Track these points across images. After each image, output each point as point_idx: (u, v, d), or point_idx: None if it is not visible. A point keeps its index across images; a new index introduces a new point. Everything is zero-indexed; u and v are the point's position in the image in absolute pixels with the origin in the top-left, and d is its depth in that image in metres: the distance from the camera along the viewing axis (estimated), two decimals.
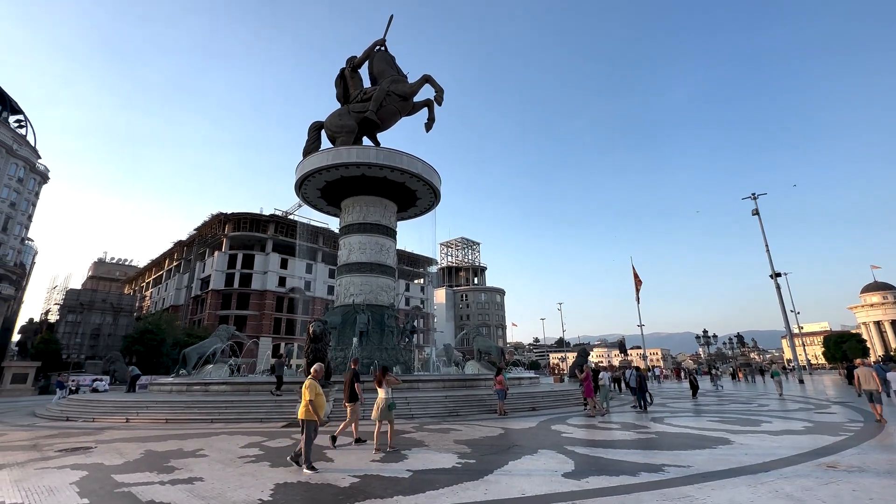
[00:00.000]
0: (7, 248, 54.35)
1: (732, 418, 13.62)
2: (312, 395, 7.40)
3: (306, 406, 7.35)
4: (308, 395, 7.41)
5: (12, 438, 11.24)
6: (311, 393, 7.43)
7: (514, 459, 7.85)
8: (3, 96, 56.99)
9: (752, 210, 44.42)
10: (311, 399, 7.36)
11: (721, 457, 7.83)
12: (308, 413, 7.32)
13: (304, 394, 7.48)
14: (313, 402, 7.36)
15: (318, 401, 7.45)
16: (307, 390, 7.48)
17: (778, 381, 26.18)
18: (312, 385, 7.57)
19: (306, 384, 7.62)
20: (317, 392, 7.49)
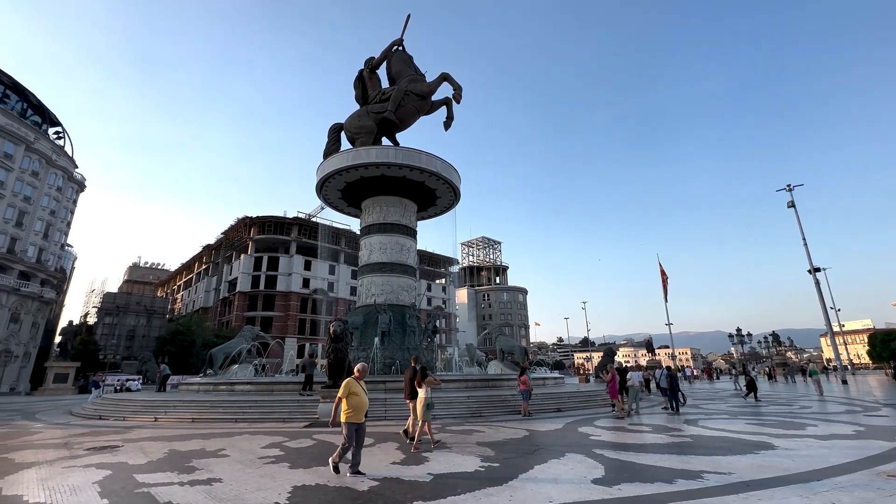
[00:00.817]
0: (48, 253, 56.94)
1: (773, 421, 12.82)
2: (344, 393, 6.88)
3: (343, 402, 6.84)
4: (340, 392, 6.96)
5: (46, 436, 11.57)
6: (344, 391, 6.92)
7: (539, 463, 7.49)
8: (43, 110, 59.82)
9: (788, 202, 42.37)
10: (340, 396, 6.88)
11: (765, 463, 7.27)
12: (346, 415, 6.75)
13: (339, 393, 7.00)
14: (346, 401, 6.83)
15: (355, 401, 6.85)
16: (342, 390, 6.99)
17: (817, 381, 25.33)
18: (348, 384, 7.01)
19: (345, 382, 7.09)
20: (352, 391, 6.90)
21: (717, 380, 57.02)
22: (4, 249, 49.55)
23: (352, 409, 6.79)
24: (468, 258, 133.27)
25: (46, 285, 55.89)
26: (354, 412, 6.80)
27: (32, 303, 52.83)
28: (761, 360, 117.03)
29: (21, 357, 51.54)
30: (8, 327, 49.71)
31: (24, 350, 52.39)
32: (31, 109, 58.55)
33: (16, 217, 51.13)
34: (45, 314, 58.43)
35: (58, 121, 62.34)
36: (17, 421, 15.83)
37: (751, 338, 39.00)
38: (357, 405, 6.86)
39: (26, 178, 52.34)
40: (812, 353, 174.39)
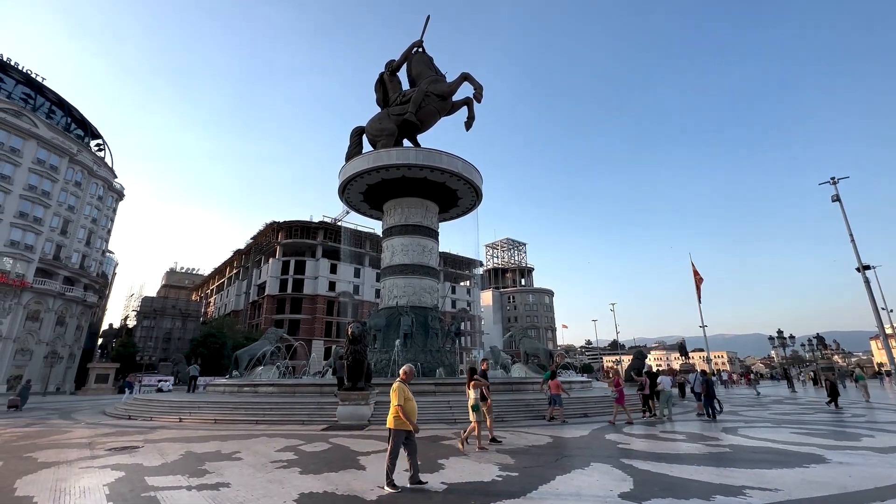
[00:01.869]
0: (90, 260, 59.83)
1: (821, 430, 11.78)
2: (400, 400, 6.40)
3: (395, 413, 6.36)
4: (395, 399, 6.42)
5: (74, 436, 11.85)
6: (399, 397, 6.43)
7: (562, 474, 6.98)
8: (85, 123, 63.10)
9: (832, 196, 39.79)
10: (398, 404, 6.37)
11: (817, 479, 6.52)
12: (396, 421, 6.32)
13: (391, 398, 6.52)
14: (402, 409, 6.36)
15: (408, 406, 6.42)
16: (395, 394, 6.49)
17: (864, 387, 24.29)
18: (401, 388, 6.55)
19: (394, 387, 6.61)
20: (406, 396, 6.49)
21: (757, 384, 54.08)
22: (51, 256, 52.34)
23: (409, 415, 6.42)
24: (493, 260, 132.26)
25: (89, 290, 58.72)
26: (410, 418, 6.44)
27: (76, 307, 55.60)
28: (804, 365, 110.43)
29: (66, 358, 54.30)
30: (54, 330, 52.45)
31: (70, 352, 55.17)
32: (75, 123, 61.84)
33: (61, 225, 53.96)
34: (89, 317, 61.44)
35: (99, 133, 65.62)
36: (52, 420, 16.43)
37: (793, 340, 36.75)
38: (411, 411, 6.51)
39: (70, 189, 55.19)
40: (861, 357, 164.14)
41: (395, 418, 6.34)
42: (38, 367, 49.71)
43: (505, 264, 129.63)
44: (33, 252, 49.51)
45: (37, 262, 49.84)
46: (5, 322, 46.71)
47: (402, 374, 7.01)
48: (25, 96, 55.26)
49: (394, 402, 6.42)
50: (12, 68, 53.20)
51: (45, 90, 56.96)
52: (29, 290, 48.52)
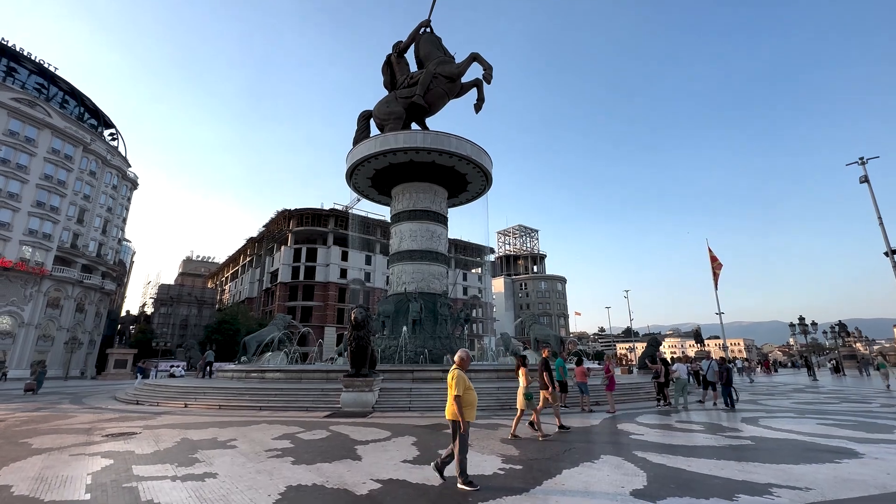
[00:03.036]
0: (107, 248, 60.88)
1: (849, 422, 11.08)
2: (460, 390, 5.80)
3: (455, 402, 5.76)
4: (455, 388, 5.80)
5: (77, 421, 11.80)
6: (460, 386, 5.82)
7: (569, 467, 6.52)
8: (98, 113, 63.58)
9: (861, 177, 37.92)
10: (457, 394, 5.78)
11: (852, 476, 5.94)
12: (456, 412, 5.74)
13: (450, 387, 5.89)
14: (460, 399, 5.77)
15: (467, 397, 5.83)
16: (453, 383, 5.86)
17: (885, 374, 24.82)
18: (461, 377, 5.92)
19: (453, 374, 5.98)
20: (466, 385, 5.88)
21: (775, 372, 52.88)
22: (68, 244, 53.33)
23: (468, 407, 5.83)
24: (504, 247, 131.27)
25: (107, 278, 59.88)
26: (470, 410, 5.86)
27: (95, 294, 56.79)
28: (824, 352, 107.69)
29: (87, 344, 55.69)
30: (74, 317, 53.73)
31: (90, 338, 56.56)
32: (88, 113, 62.35)
33: (77, 214, 54.83)
34: (107, 305, 62.82)
35: (112, 123, 66.13)
36: (62, 404, 16.57)
37: (815, 327, 35.54)
38: (472, 402, 5.92)
39: (85, 178, 55.89)
40: (884, 345, 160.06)
41: (455, 409, 5.72)
42: (59, 352, 51.10)
43: (517, 251, 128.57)
44: (51, 241, 50.44)
45: (55, 250, 50.80)
46: (27, 309, 47.91)
47: (457, 361, 6.30)
48: (39, 86, 55.74)
49: (452, 392, 5.80)
50: (25, 58, 53.59)
51: (58, 80, 57.37)
52: (48, 277, 49.60)
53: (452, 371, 6.07)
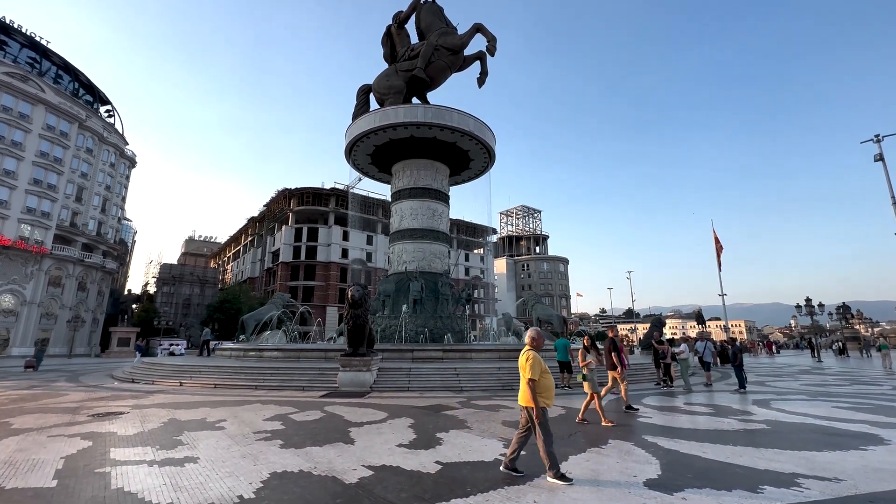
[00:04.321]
0: (107, 227, 60.44)
1: (866, 405, 10.65)
2: (536, 373, 5.12)
3: (529, 387, 5.11)
4: (531, 371, 5.12)
5: (66, 399, 11.50)
6: (536, 370, 5.13)
7: (575, 454, 6.09)
8: (93, 89, 62.22)
9: (875, 155, 36.77)
10: (532, 378, 5.10)
11: (883, 465, 5.48)
12: (532, 397, 5.05)
13: (523, 370, 5.21)
14: (535, 384, 5.09)
15: (544, 381, 5.17)
16: (529, 364, 5.17)
17: (886, 355, 25.66)
18: (537, 359, 5.23)
19: (528, 355, 5.28)
20: (543, 369, 5.22)
21: (777, 354, 52.75)
22: (67, 223, 52.90)
23: (546, 391, 5.17)
24: (507, 227, 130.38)
25: (108, 257, 59.66)
26: (548, 394, 5.19)
27: (96, 272, 56.66)
28: (826, 334, 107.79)
29: (90, 322, 55.90)
30: (76, 295, 53.74)
31: (93, 316, 56.70)
32: (83, 89, 61.00)
33: (75, 192, 54.19)
34: (109, 283, 62.75)
35: (108, 99, 64.80)
36: (57, 382, 16.35)
37: (822, 308, 35.10)
38: (549, 387, 5.23)
39: (82, 155, 55.02)
40: (885, 327, 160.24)
41: (530, 394, 5.09)
42: (62, 330, 51.30)
43: (519, 232, 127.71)
44: (50, 219, 50.00)
45: (54, 228, 50.41)
46: (28, 287, 47.87)
47: (530, 341, 5.56)
48: (31, 60, 54.34)
49: (526, 375, 5.15)
50: (16, 31, 52.09)
51: (51, 54, 55.90)
52: (49, 256, 49.37)
53: (527, 352, 5.37)
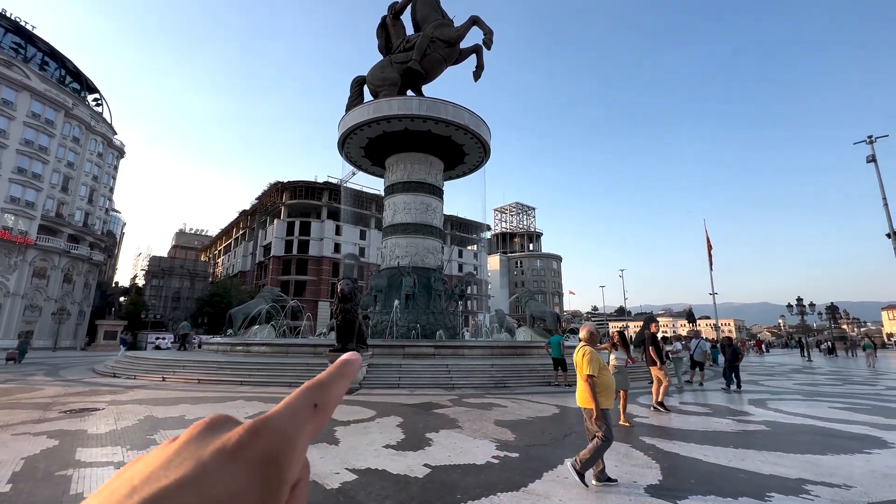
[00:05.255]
0: (94, 217, 59.25)
1: (863, 405, 10.51)
2: (595, 369, 4.74)
3: (588, 385, 4.72)
4: (589, 366, 4.75)
5: (40, 394, 11.02)
6: (594, 365, 4.76)
7: (571, 456, 5.76)
8: (80, 76, 60.81)
9: (868, 156, 36.92)
10: (591, 374, 4.72)
11: (891, 469, 5.25)
12: (591, 397, 4.68)
13: (580, 366, 4.83)
14: (595, 380, 4.72)
15: (603, 378, 4.80)
16: (586, 360, 4.80)
17: (869, 354, 26.75)
18: (594, 354, 4.87)
19: (585, 350, 4.91)
20: (601, 365, 4.87)
21: (766, 353, 53.22)
22: (53, 213, 51.75)
23: (606, 390, 4.80)
24: (501, 224, 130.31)
25: (95, 248, 58.53)
26: (608, 393, 4.81)
27: (83, 264, 55.55)
28: (813, 333, 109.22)
29: (75, 315, 54.84)
30: (62, 287, 52.66)
31: (79, 309, 55.64)
32: (70, 76, 59.60)
33: (61, 182, 52.99)
34: (96, 276, 61.62)
35: (95, 87, 63.40)
36: (35, 376, 15.81)
37: (813, 308, 35.33)
38: (608, 385, 4.88)
39: (68, 144, 53.78)
40: (870, 328, 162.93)
41: (589, 393, 4.70)
42: (47, 323, 50.25)
43: (513, 229, 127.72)
44: (34, 209, 48.86)
45: (39, 219, 49.29)
46: (12, 279, 46.78)
47: (586, 337, 5.16)
48: (16, 46, 52.90)
49: (584, 371, 4.75)
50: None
51: (37, 39, 54.47)
52: (33, 247, 48.26)
53: (582, 348, 4.97)
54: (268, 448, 0.21)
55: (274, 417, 0.24)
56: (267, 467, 0.21)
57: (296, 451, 0.23)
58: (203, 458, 0.20)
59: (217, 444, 0.21)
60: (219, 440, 0.21)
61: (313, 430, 0.25)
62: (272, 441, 0.22)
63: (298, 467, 0.24)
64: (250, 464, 0.20)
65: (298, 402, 0.25)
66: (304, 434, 0.24)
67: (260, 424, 0.22)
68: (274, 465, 0.21)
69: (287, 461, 0.22)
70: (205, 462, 0.19)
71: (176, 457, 0.20)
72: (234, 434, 0.22)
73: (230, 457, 0.20)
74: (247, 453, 0.21)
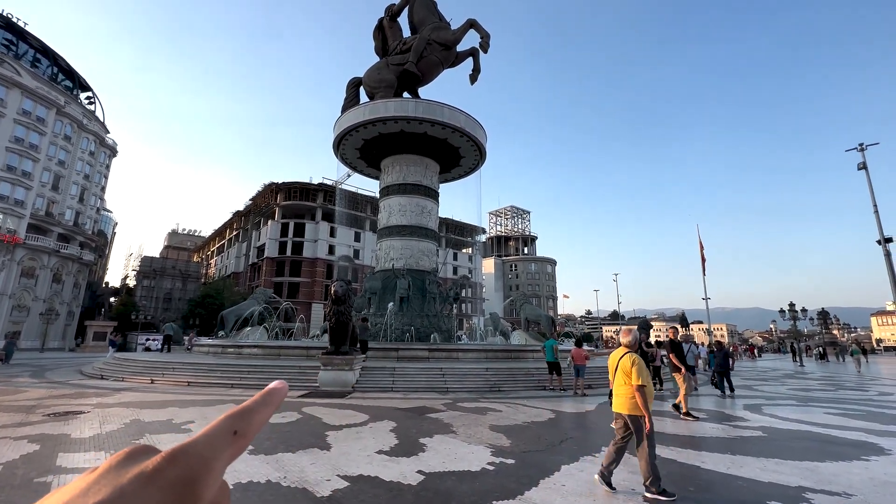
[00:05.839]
0: (85, 217, 58.52)
1: (857, 411, 10.52)
2: (644, 378, 4.69)
3: (640, 395, 4.63)
4: (639, 376, 4.68)
5: (25, 396, 10.74)
6: (645, 374, 4.72)
7: (568, 462, 5.70)
8: (72, 74, 60.16)
9: (859, 164, 37.34)
10: (643, 384, 4.65)
11: (890, 477, 5.20)
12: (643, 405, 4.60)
13: (628, 374, 4.74)
14: (645, 390, 4.66)
15: (649, 388, 4.76)
16: (635, 369, 4.71)
17: (857, 360, 27.70)
18: (640, 362, 4.79)
19: (633, 358, 4.81)
20: (647, 375, 4.81)
21: (759, 358, 53.51)
22: (43, 212, 51.01)
23: (652, 399, 4.80)
24: (496, 227, 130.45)
25: (85, 248, 57.74)
26: (652, 402, 4.81)
27: (73, 264, 54.76)
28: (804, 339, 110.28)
29: (64, 316, 54.00)
30: (51, 287, 51.85)
31: (68, 309, 54.78)
32: (62, 74, 58.94)
33: (51, 181, 52.30)
34: (86, 276, 60.78)
35: (88, 86, 62.75)
36: (21, 378, 15.45)
37: (805, 314, 35.58)
38: (653, 392, 4.89)
39: (59, 143, 53.11)
40: (860, 333, 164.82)
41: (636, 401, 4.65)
42: (35, 323, 49.43)
43: (508, 232, 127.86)
44: (24, 207, 48.15)
45: (28, 217, 48.57)
46: None
47: (629, 343, 5.07)
48: (7, 42, 52.27)
49: (634, 380, 4.67)
50: None
51: (28, 36, 53.86)
52: (22, 246, 47.52)
53: (630, 355, 4.87)
54: (184, 473, 0.23)
55: (192, 444, 0.25)
56: (183, 489, 0.22)
57: (212, 475, 0.24)
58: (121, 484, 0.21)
59: (135, 470, 0.22)
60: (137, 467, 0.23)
61: (231, 455, 0.27)
62: (189, 466, 0.24)
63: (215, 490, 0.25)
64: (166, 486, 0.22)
65: (218, 430, 0.27)
66: (222, 459, 0.26)
67: (178, 451, 0.24)
68: (189, 487, 0.23)
69: (203, 485, 0.24)
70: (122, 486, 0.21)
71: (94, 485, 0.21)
72: (153, 461, 0.23)
73: (148, 480, 0.21)
74: (163, 477, 0.22)
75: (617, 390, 4.87)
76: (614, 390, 4.92)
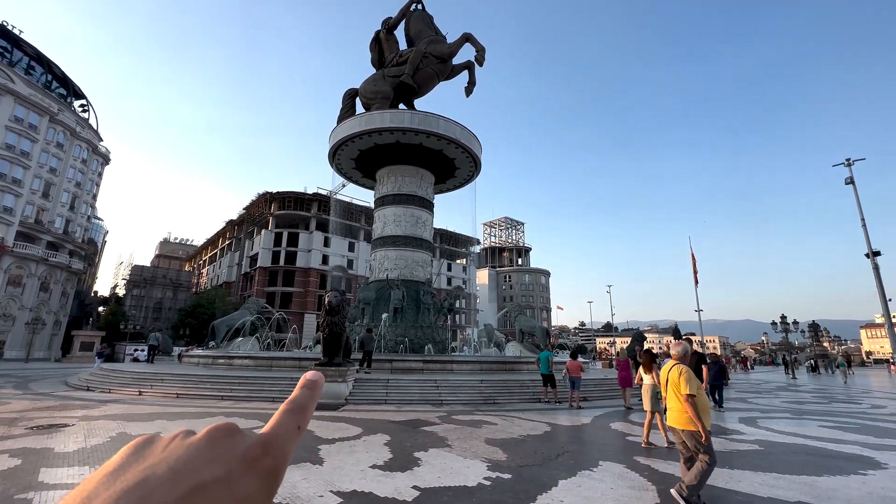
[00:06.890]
0: (75, 225, 57.85)
1: (851, 424, 10.52)
2: (694, 388, 4.51)
3: (690, 405, 4.46)
4: (688, 386, 4.49)
5: (4, 409, 10.39)
6: (693, 384, 4.52)
7: (565, 477, 5.61)
8: (66, 81, 60.00)
9: (846, 178, 38.06)
10: (692, 393, 4.48)
11: (888, 491, 5.17)
12: (696, 417, 4.43)
13: (678, 386, 4.57)
14: (697, 401, 4.49)
15: (703, 398, 4.61)
16: (683, 380, 4.54)
17: (843, 372, 29.86)
18: (689, 373, 4.62)
19: (680, 370, 4.67)
20: (698, 385, 4.62)
21: (751, 370, 53.66)
22: (32, 220, 50.36)
23: (705, 410, 4.61)
24: (490, 239, 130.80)
25: (75, 256, 56.93)
26: (706, 414, 4.61)
27: (61, 273, 53.90)
28: (795, 351, 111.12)
29: (51, 325, 52.97)
30: (38, 296, 50.93)
31: (55, 319, 53.77)
32: (56, 81, 58.76)
33: (42, 188, 51.74)
34: (75, 284, 59.84)
35: (82, 93, 62.55)
36: (2, 389, 15.00)
37: (797, 326, 35.84)
38: (706, 404, 4.71)
39: (51, 150, 52.69)
40: (849, 346, 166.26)
41: (690, 415, 4.47)
42: (20, 333, 48.42)
43: (502, 243, 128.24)
44: (13, 215, 47.52)
45: (17, 225, 47.90)
46: None
47: (679, 354, 4.94)
48: (1, 49, 52.13)
49: (684, 389, 4.49)
50: None
51: (23, 43, 53.73)
52: (9, 253, 46.76)
53: (678, 366, 4.72)
54: (274, 463, 0.26)
55: (275, 436, 0.28)
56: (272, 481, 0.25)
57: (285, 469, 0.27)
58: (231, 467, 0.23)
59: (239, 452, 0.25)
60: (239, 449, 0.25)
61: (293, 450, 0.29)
62: (275, 458, 0.26)
63: None
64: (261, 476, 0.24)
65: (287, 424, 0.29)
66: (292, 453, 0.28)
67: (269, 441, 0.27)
68: (275, 478, 0.25)
69: (281, 477, 0.26)
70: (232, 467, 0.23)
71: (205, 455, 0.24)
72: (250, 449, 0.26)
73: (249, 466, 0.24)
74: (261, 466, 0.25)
75: (670, 404, 4.83)
76: (668, 404, 4.88)
